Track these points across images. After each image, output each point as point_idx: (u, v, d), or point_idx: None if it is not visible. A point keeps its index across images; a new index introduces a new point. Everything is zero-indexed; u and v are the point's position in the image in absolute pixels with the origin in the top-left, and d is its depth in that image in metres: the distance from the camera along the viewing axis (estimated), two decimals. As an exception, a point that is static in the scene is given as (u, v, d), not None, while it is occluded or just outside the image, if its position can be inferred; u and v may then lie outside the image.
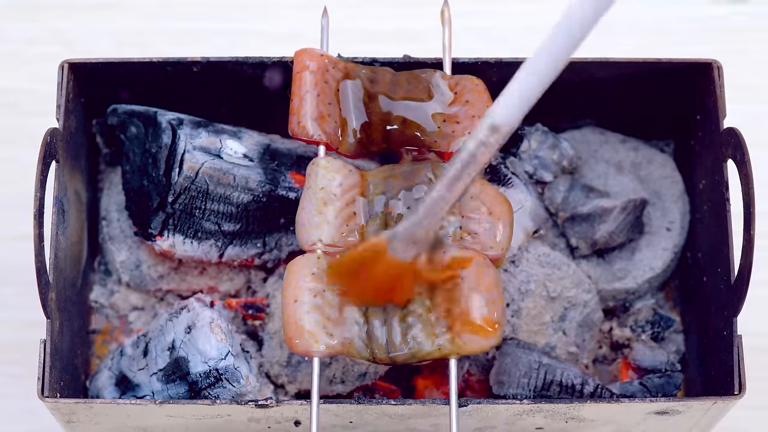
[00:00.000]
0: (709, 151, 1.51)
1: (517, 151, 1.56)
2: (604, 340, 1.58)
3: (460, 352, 1.34)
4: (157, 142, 1.50)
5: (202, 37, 1.80)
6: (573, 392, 1.47)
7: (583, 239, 1.56)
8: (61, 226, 1.46)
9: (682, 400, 1.40)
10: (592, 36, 1.77)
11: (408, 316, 1.35)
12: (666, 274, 1.59)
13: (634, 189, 1.57)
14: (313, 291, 1.35)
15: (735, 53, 1.79)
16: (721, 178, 1.47)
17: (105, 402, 1.39)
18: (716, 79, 1.48)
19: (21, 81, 1.77)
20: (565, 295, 1.53)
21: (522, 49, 1.73)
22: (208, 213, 1.50)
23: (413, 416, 1.41)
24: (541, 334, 1.52)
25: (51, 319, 1.42)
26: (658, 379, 1.49)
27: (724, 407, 1.42)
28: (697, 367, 1.55)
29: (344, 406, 1.39)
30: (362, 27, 1.80)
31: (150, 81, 1.53)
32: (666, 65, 1.51)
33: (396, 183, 1.40)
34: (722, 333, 1.46)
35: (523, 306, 1.51)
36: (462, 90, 1.44)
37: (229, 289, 1.57)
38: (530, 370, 1.48)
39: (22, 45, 1.80)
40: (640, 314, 1.58)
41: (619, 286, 1.57)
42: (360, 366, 1.50)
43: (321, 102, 1.42)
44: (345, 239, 1.38)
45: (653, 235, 1.58)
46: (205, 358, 1.44)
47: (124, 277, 1.57)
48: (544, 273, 1.52)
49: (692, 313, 1.58)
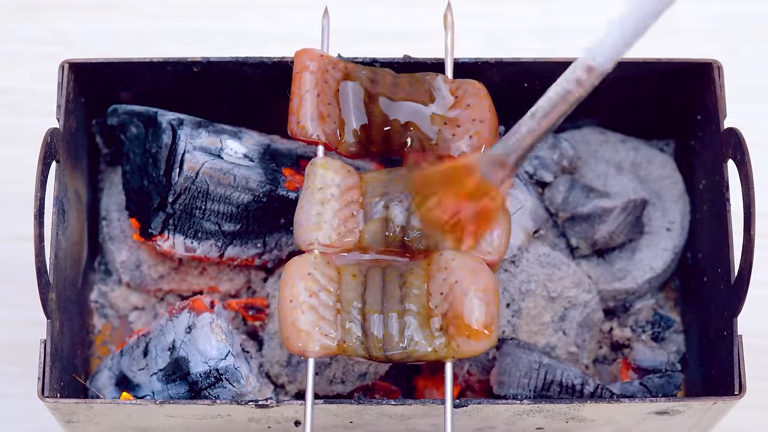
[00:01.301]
0: (709, 151, 1.51)
1: None
2: (604, 341, 1.58)
3: (455, 355, 1.35)
4: (157, 142, 1.50)
5: (203, 37, 1.80)
6: (573, 392, 1.47)
7: (584, 239, 1.56)
8: (61, 226, 1.45)
9: (682, 400, 1.39)
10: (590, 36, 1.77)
11: (405, 315, 1.35)
12: (666, 275, 1.59)
13: (634, 189, 1.57)
14: (310, 291, 1.36)
15: (735, 53, 1.79)
16: (721, 178, 1.46)
17: (105, 402, 1.39)
18: (716, 79, 1.48)
19: (21, 81, 1.77)
20: (566, 295, 1.53)
21: (523, 50, 1.75)
22: (208, 213, 1.50)
23: (413, 416, 1.41)
24: (541, 334, 1.52)
25: (51, 319, 1.41)
26: (658, 379, 1.49)
27: (725, 407, 1.42)
28: (698, 367, 1.55)
29: (344, 406, 1.39)
30: (363, 27, 1.81)
31: (150, 81, 1.52)
32: (666, 65, 1.51)
33: (395, 185, 1.40)
34: (722, 333, 1.45)
35: (524, 306, 1.52)
36: (463, 94, 1.44)
37: (230, 289, 1.57)
38: (530, 371, 1.48)
39: (22, 45, 1.80)
40: (640, 314, 1.58)
41: (619, 287, 1.56)
42: (360, 366, 1.50)
43: (321, 102, 1.42)
44: (342, 240, 1.39)
45: (653, 235, 1.58)
46: (206, 358, 1.44)
47: (124, 277, 1.57)
48: (545, 273, 1.52)
49: (692, 314, 1.57)
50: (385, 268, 1.39)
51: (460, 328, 1.34)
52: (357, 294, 1.37)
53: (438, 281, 1.36)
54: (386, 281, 1.38)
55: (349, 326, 1.35)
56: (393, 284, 1.37)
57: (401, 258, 1.40)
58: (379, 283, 1.38)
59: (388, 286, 1.37)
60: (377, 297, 1.37)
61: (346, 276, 1.38)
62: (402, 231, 1.39)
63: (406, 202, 1.38)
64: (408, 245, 1.39)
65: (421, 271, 1.38)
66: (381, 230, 1.39)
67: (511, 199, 1.51)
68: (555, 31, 1.80)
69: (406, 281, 1.37)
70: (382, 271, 1.38)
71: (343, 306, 1.36)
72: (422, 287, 1.37)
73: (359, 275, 1.38)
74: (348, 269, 1.38)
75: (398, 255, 1.40)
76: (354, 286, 1.37)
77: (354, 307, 1.36)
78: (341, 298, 1.37)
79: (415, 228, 1.38)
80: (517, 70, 1.51)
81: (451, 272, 1.36)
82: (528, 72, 1.51)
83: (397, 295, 1.37)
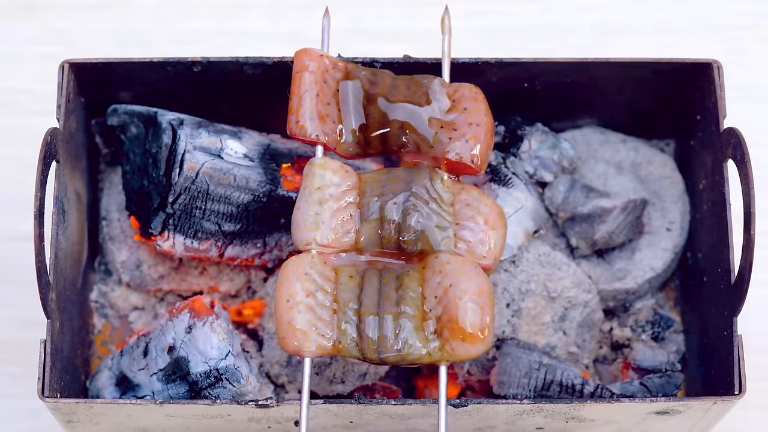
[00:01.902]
0: (709, 151, 1.51)
1: (517, 152, 1.56)
2: (604, 340, 1.58)
3: (450, 359, 1.35)
4: (157, 142, 1.50)
5: (203, 37, 1.79)
6: (573, 392, 1.47)
7: (583, 239, 1.56)
8: (61, 226, 1.45)
9: (682, 400, 1.39)
10: (590, 36, 1.77)
11: (401, 317, 1.35)
12: (666, 275, 1.59)
13: (634, 189, 1.57)
14: (307, 291, 1.36)
15: (735, 53, 1.79)
16: (721, 178, 1.46)
17: (105, 402, 1.39)
18: (716, 78, 1.48)
19: (21, 81, 1.76)
20: (566, 295, 1.53)
21: (523, 50, 1.75)
22: (208, 213, 1.50)
23: (413, 416, 1.41)
24: (541, 334, 1.52)
25: (51, 319, 1.41)
26: (658, 379, 1.49)
27: (724, 407, 1.42)
28: (698, 367, 1.54)
29: (344, 406, 1.39)
30: (363, 27, 1.80)
31: (150, 81, 1.52)
32: (666, 65, 1.50)
33: (393, 186, 1.40)
34: (722, 333, 1.45)
35: (524, 306, 1.52)
36: (460, 98, 1.43)
37: (230, 289, 1.57)
38: (530, 370, 1.48)
39: (22, 45, 1.79)
40: (640, 314, 1.58)
41: (619, 286, 1.56)
42: (360, 366, 1.49)
43: (320, 102, 1.42)
44: (340, 241, 1.39)
45: (653, 235, 1.58)
46: (206, 358, 1.44)
47: (124, 277, 1.57)
48: (545, 273, 1.52)
49: (692, 313, 1.57)
50: (381, 270, 1.39)
51: (454, 332, 1.34)
52: (353, 295, 1.37)
53: (432, 284, 1.37)
54: (382, 283, 1.38)
55: (344, 327, 1.35)
56: (389, 286, 1.37)
57: (397, 260, 1.40)
58: (376, 284, 1.38)
59: (384, 288, 1.37)
60: (373, 299, 1.37)
61: (343, 277, 1.38)
62: (397, 232, 1.39)
63: (402, 203, 1.38)
64: (403, 247, 1.39)
65: (416, 273, 1.38)
66: (377, 231, 1.39)
67: (511, 199, 1.51)
68: (554, 30, 1.79)
69: (402, 284, 1.37)
70: (378, 273, 1.38)
71: (340, 306, 1.36)
72: (417, 290, 1.37)
73: (356, 276, 1.38)
74: (345, 270, 1.38)
75: (394, 257, 1.40)
76: (350, 287, 1.37)
77: (350, 308, 1.36)
78: (338, 298, 1.37)
79: (410, 229, 1.38)
80: (517, 70, 1.51)
81: (446, 276, 1.36)
82: (528, 72, 1.51)
83: (393, 297, 1.37)
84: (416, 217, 1.38)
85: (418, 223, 1.38)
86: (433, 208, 1.39)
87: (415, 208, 1.38)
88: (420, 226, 1.38)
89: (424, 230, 1.38)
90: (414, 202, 1.39)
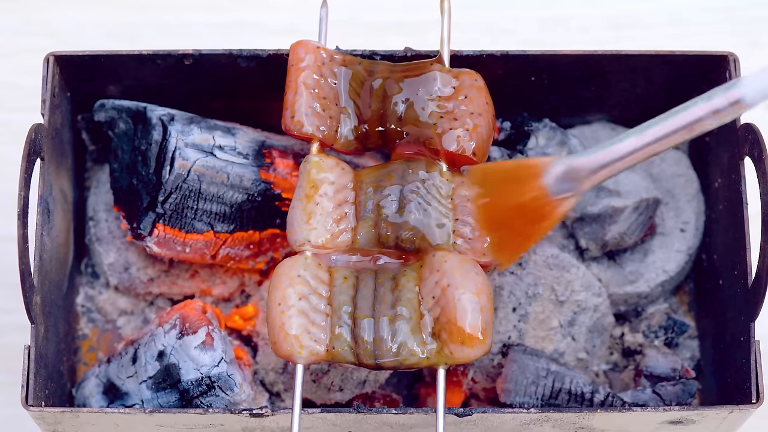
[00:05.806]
0: (725, 148, 1.51)
1: (524, 148, 1.56)
2: (615, 346, 1.58)
3: (448, 362, 1.35)
4: (146, 138, 1.49)
5: (195, 28, 1.80)
6: (582, 401, 1.47)
7: (593, 240, 1.55)
8: (46, 227, 1.45)
9: (696, 409, 1.39)
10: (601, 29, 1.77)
11: (397, 320, 1.35)
12: (680, 277, 1.59)
13: (647, 188, 1.56)
14: (299, 294, 1.36)
15: (751, 45, 1.80)
16: (737, 177, 1.46)
17: (92, 411, 1.40)
18: (732, 72, 1.48)
19: (5, 75, 1.78)
20: (575, 298, 1.52)
21: (529, 42, 1.79)
22: (200, 213, 1.50)
23: (415, 425, 1.40)
24: (549, 339, 1.51)
25: (35, 324, 1.41)
26: (671, 387, 1.49)
27: (741, 416, 1.42)
28: (713, 374, 1.55)
29: (343, 415, 1.39)
30: (362, 18, 1.81)
31: (139, 75, 1.52)
32: (680, 58, 1.51)
33: (390, 180, 1.40)
34: (739, 338, 1.45)
35: (531, 310, 1.51)
36: (461, 85, 1.43)
37: (223, 292, 1.58)
38: (538, 378, 1.47)
39: (5, 37, 1.80)
40: (652, 319, 1.57)
41: (630, 290, 1.56)
42: (359, 373, 1.49)
43: (317, 96, 1.43)
44: (335, 241, 1.39)
45: (666, 236, 1.58)
46: (197, 365, 1.43)
47: (112, 280, 1.57)
48: (553, 276, 1.52)
49: (707, 318, 1.57)
50: (377, 271, 1.39)
51: (452, 334, 1.34)
52: (348, 297, 1.37)
53: (430, 284, 1.36)
54: (378, 284, 1.38)
55: (339, 331, 1.36)
56: (385, 288, 1.37)
57: (394, 259, 1.40)
58: (371, 286, 1.38)
59: (379, 290, 1.37)
60: (369, 301, 1.37)
61: (337, 279, 1.38)
62: (394, 228, 1.38)
63: (399, 197, 1.39)
64: (401, 245, 1.38)
65: (413, 273, 1.38)
66: (373, 229, 1.39)
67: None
68: (564, 22, 1.81)
69: (398, 284, 1.37)
70: (374, 275, 1.39)
71: (334, 310, 1.37)
72: (414, 290, 1.37)
73: (351, 278, 1.38)
74: (340, 271, 1.39)
75: (391, 256, 1.40)
76: (345, 289, 1.38)
77: (345, 312, 1.37)
78: (332, 301, 1.37)
79: (407, 224, 1.37)
80: (524, 64, 1.52)
81: (443, 275, 1.36)
82: (535, 65, 1.52)
83: (389, 299, 1.37)
84: (414, 211, 1.38)
85: (415, 216, 1.38)
86: (431, 201, 1.39)
87: (412, 201, 1.38)
88: (417, 220, 1.38)
89: (422, 223, 1.38)
90: (411, 196, 1.39)
